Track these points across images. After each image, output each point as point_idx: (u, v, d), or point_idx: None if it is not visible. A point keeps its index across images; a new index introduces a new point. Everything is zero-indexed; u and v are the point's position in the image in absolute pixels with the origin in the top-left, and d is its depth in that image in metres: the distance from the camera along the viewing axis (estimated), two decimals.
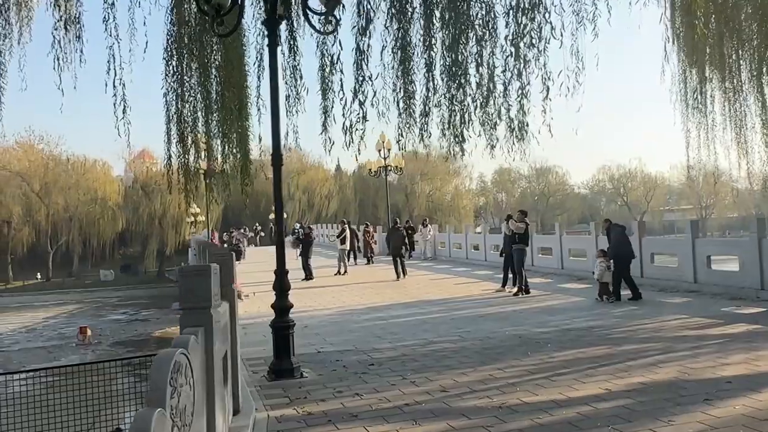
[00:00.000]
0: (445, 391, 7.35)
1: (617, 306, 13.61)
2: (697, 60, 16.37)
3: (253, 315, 14.73)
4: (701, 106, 16.38)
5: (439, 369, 8.52)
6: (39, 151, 72.60)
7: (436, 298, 16.43)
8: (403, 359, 9.30)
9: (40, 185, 70.77)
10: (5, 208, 68.84)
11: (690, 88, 16.48)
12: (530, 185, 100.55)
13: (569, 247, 20.82)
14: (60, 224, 72.42)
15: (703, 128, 16.41)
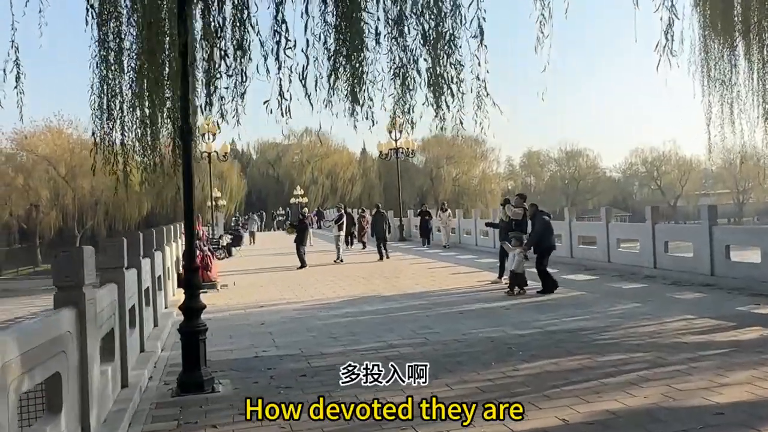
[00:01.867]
0: (361, 418, 5.94)
1: (618, 302, 12.02)
2: (720, 27, 14.64)
3: (220, 308, 13.46)
4: (725, 77, 14.65)
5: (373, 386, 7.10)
6: (66, 136, 72.64)
7: (423, 290, 15.00)
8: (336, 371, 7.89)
9: (66, 169, 70.97)
10: (33, 192, 69.32)
11: (712, 58, 14.74)
12: (560, 168, 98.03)
13: (579, 234, 19.13)
14: (86, 208, 72.61)
15: (727, 102, 14.73)
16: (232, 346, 9.72)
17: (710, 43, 14.71)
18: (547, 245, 13.80)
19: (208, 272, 16.17)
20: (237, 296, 15.22)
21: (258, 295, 15.23)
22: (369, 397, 6.58)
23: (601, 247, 17.73)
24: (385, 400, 6.01)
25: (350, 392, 6.79)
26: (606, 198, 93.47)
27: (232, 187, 79.61)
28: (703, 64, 14.67)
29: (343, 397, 6.64)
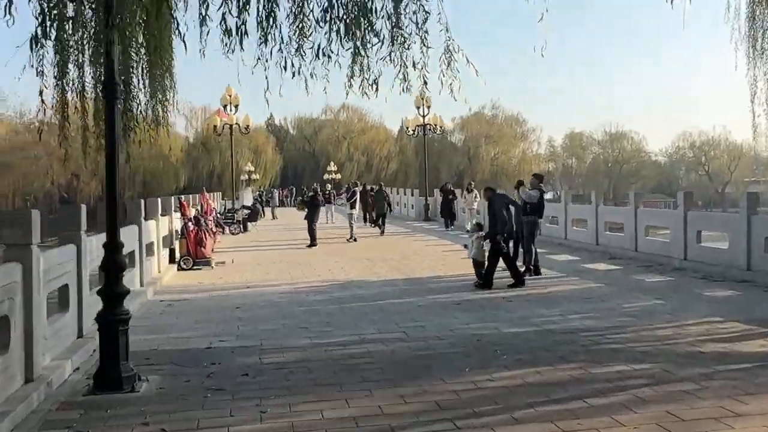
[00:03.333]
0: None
1: (636, 297, 10.67)
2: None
3: (204, 287, 12.56)
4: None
5: (317, 393, 6.01)
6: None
7: (428, 275, 13.85)
8: (294, 369, 6.84)
9: None
10: (74, 162, 69.87)
11: (759, 26, 13.07)
12: (603, 151, 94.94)
13: (606, 220, 17.66)
14: (125, 178, 73.06)
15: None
16: (191, 333, 8.74)
17: (757, 8, 13.06)
18: (507, 230, 12.31)
19: (202, 248, 15.28)
20: (228, 275, 14.29)
21: (251, 275, 14.28)
22: (301, 408, 5.53)
23: (628, 234, 16.26)
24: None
25: (281, 403, 5.73)
26: (650, 183, 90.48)
27: (266, 161, 79.30)
28: (748, 32, 13.03)
29: (273, 407, 5.59)
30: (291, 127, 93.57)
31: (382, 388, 6.06)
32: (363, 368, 6.77)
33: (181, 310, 10.49)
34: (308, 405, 5.64)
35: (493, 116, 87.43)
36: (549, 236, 20.07)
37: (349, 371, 6.68)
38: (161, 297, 11.61)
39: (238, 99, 31.67)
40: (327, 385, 6.23)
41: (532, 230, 13.43)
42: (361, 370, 6.68)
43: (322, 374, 6.60)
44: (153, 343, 8.16)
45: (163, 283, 13.00)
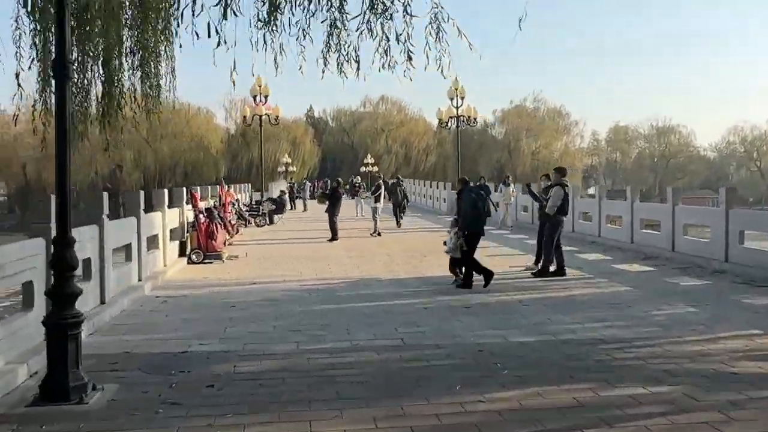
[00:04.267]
0: None
1: (667, 303, 9.68)
2: None
3: (207, 283, 11.99)
4: None
5: (280, 411, 5.29)
6: None
7: (442, 274, 12.90)
8: (266, 380, 6.15)
9: (147, 132, 72.10)
10: (117, 153, 70.90)
11: None
12: (649, 145, 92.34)
13: (641, 217, 16.53)
14: (166, 169, 73.90)
15: None
16: (174, 334, 8.13)
17: None
18: (473, 229, 11.37)
19: (213, 242, 14.72)
20: (237, 270, 13.69)
21: (261, 270, 13.67)
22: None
23: (664, 233, 15.15)
24: None
25: (238, 422, 5.03)
26: (698, 178, 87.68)
27: (304, 153, 79.09)
28: None
29: (224, 428, 4.90)
30: (330, 119, 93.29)
31: (355, 408, 5.31)
32: (342, 382, 6.03)
33: (174, 307, 9.90)
34: (264, 427, 4.93)
35: (534, 109, 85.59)
36: (582, 233, 19.07)
37: (326, 385, 5.95)
38: (159, 292, 11.05)
39: (267, 90, 31.20)
40: (296, 401, 5.51)
41: (552, 231, 12.48)
42: (339, 385, 5.94)
43: (295, 388, 5.89)
44: (129, 345, 7.59)
45: (166, 278, 12.48)
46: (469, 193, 11.48)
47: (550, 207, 12.47)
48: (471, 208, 11.25)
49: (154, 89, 9.83)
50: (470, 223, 11.23)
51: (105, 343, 7.72)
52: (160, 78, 9.77)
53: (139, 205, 11.20)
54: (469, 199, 11.33)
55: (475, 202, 11.30)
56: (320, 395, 5.68)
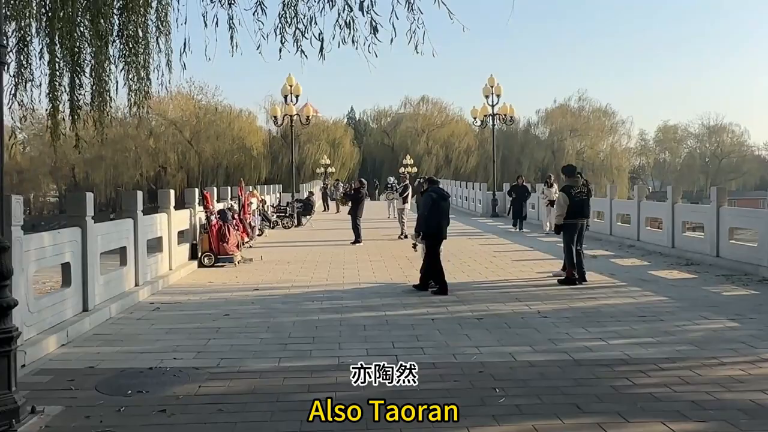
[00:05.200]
0: None
1: (705, 316, 8.62)
2: None
3: (211, 288, 11.39)
4: None
5: None
6: (195, 101, 74.58)
7: (465, 280, 12.16)
8: (225, 405, 5.41)
9: (191, 133, 73.03)
10: (162, 155, 71.95)
11: None
12: (700, 145, 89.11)
13: (683, 220, 15.33)
14: (208, 170, 74.57)
15: None
16: (150, 346, 7.46)
17: None
18: (432, 231, 10.76)
19: (225, 245, 14.11)
20: (246, 274, 13.04)
21: (271, 275, 12.98)
22: None
23: (708, 236, 13.96)
24: None
25: None
26: (752, 179, 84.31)
27: (344, 155, 78.75)
28: None
29: None
30: (370, 121, 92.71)
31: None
32: (307, 411, 5.23)
33: (165, 315, 9.27)
34: None
35: (579, 108, 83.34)
36: (619, 237, 17.93)
37: (292, 413, 5.18)
38: (156, 298, 10.47)
39: (299, 89, 30.58)
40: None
41: (566, 237, 11.48)
42: (302, 413, 5.14)
43: (251, 417, 5.14)
44: (97, 358, 6.96)
45: (170, 282, 11.89)
46: (430, 195, 10.80)
47: (557, 217, 11.56)
48: (428, 210, 10.68)
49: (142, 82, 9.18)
50: (427, 225, 10.69)
51: (73, 355, 7.10)
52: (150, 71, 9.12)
53: (136, 206, 10.60)
54: (428, 201, 10.72)
55: (434, 204, 10.67)
56: (282, 426, 4.92)
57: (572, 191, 11.35)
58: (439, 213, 10.74)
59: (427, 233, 10.74)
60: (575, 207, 11.29)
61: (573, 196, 11.30)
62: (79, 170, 71.96)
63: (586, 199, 11.51)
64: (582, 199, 11.38)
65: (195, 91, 74.14)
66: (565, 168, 12.13)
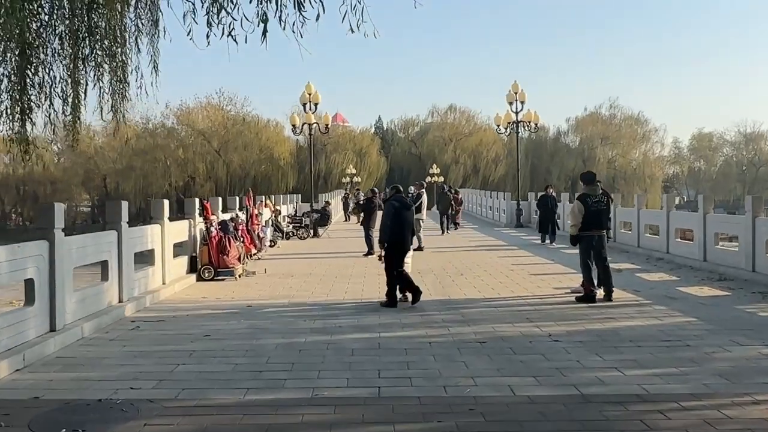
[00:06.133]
0: None
1: (738, 341, 7.63)
2: None
3: (201, 305, 10.72)
4: None
5: None
6: (223, 112, 74.88)
7: (475, 297, 11.27)
8: None
9: (219, 143, 73.27)
10: (191, 165, 72.34)
11: None
12: (736, 152, 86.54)
13: (716, 231, 14.24)
14: (236, 180, 74.72)
15: None
16: (111, 373, 6.75)
17: None
18: (395, 240, 10.33)
19: (225, 257, 13.43)
20: (244, 289, 12.33)
21: (269, 290, 12.26)
22: None
23: (743, 249, 12.88)
24: None
25: None
26: None
27: (370, 164, 78.24)
28: None
29: None
30: (398, 130, 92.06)
31: None
32: None
33: (142, 335, 8.57)
34: None
35: (610, 116, 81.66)
36: (648, 249, 16.89)
37: None
38: (140, 315, 9.79)
39: (318, 97, 29.97)
40: None
41: (582, 252, 10.58)
42: None
43: None
44: (48, 386, 6.29)
45: (161, 298, 11.22)
46: (392, 203, 10.50)
47: (571, 228, 10.65)
48: (389, 219, 10.35)
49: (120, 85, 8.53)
50: (389, 235, 10.30)
51: (23, 383, 6.41)
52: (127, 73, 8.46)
53: (120, 218, 9.95)
54: (390, 210, 10.41)
55: (396, 213, 10.34)
56: None
57: (589, 200, 10.42)
58: (402, 222, 10.39)
59: (390, 243, 10.34)
60: (591, 217, 10.37)
61: (589, 205, 10.38)
62: (110, 180, 72.66)
63: (605, 209, 10.56)
64: (599, 210, 10.44)
65: (224, 101, 74.55)
66: (584, 175, 11.19)
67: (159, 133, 73.13)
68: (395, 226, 10.32)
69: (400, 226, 10.36)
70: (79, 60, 8.28)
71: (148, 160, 70.55)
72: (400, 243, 10.41)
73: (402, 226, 10.39)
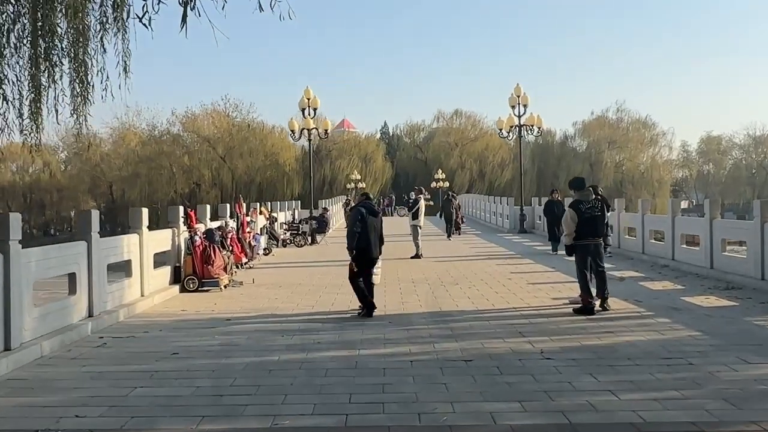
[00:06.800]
0: None
1: (747, 357, 7.01)
2: None
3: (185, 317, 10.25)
4: None
5: None
6: (229, 119, 74.65)
7: (468, 308, 10.69)
8: None
9: (224, 150, 73.00)
10: (197, 171, 72.09)
11: None
12: (745, 155, 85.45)
13: (723, 237, 13.60)
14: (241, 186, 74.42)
15: None
16: (60, 397, 6.24)
17: None
18: (360, 246, 10.09)
19: (210, 267, 12.90)
20: (227, 301, 11.80)
21: (253, 302, 11.73)
22: None
23: (751, 256, 12.24)
24: None
25: None
26: None
27: (376, 170, 77.75)
28: None
29: None
30: (404, 135, 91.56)
31: None
32: None
33: (106, 353, 8.05)
34: None
35: (617, 120, 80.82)
36: (653, 255, 16.25)
37: None
38: (110, 332, 9.25)
39: (317, 102, 29.47)
40: None
41: (579, 260, 9.97)
42: None
43: None
44: None
45: (137, 311, 10.69)
46: (359, 210, 10.28)
47: (565, 237, 10.05)
48: (355, 226, 10.14)
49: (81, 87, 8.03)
50: (355, 243, 10.06)
51: None
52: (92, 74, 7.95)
53: (90, 228, 9.42)
54: (356, 216, 10.21)
55: (362, 219, 10.08)
56: None
57: (581, 207, 9.83)
58: (368, 229, 10.10)
59: (355, 250, 10.10)
60: (585, 225, 9.77)
61: (583, 212, 9.78)
62: (116, 188, 72.52)
63: (600, 215, 9.95)
64: (594, 216, 9.84)
65: (230, 108, 74.33)
66: (573, 182, 10.59)
67: (165, 140, 72.97)
68: (361, 233, 10.05)
69: (366, 234, 10.06)
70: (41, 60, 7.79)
71: (153, 167, 70.39)
72: (365, 251, 10.13)
73: (368, 234, 10.09)
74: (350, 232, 10.27)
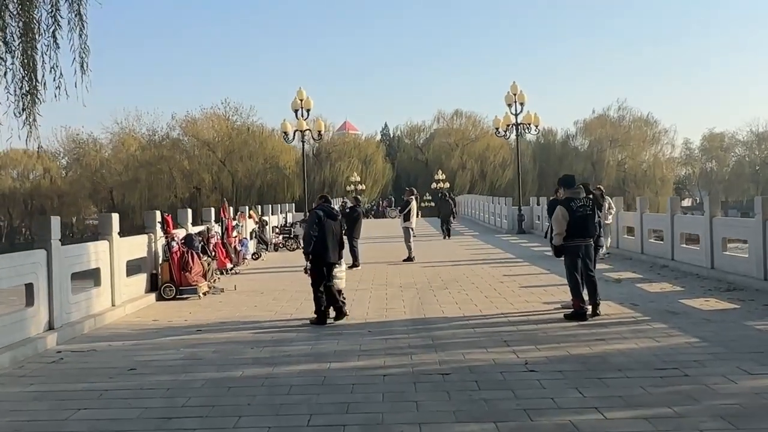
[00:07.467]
0: None
1: (749, 367, 6.43)
2: None
3: (156, 327, 9.71)
4: None
5: None
6: (229, 122, 74.26)
7: (454, 315, 10.11)
8: None
9: (223, 153, 72.58)
10: (196, 175, 71.63)
11: None
12: (748, 152, 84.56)
13: (724, 236, 13.01)
14: (241, 190, 73.99)
15: None
16: None
17: None
18: (317, 251, 9.69)
19: (187, 274, 12.37)
20: (203, 310, 11.27)
21: (231, 309, 11.22)
22: None
23: (753, 255, 11.65)
24: None
25: None
26: None
27: (376, 171, 77.21)
28: None
29: None
30: (404, 136, 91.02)
31: None
32: None
33: (60, 369, 7.51)
34: None
35: (619, 118, 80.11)
36: (652, 255, 15.67)
37: None
38: (71, 345, 8.70)
39: (309, 103, 28.98)
40: None
41: (568, 262, 9.40)
42: None
43: None
44: None
45: (106, 322, 10.16)
46: (316, 213, 9.91)
47: (555, 237, 9.42)
48: (312, 229, 9.73)
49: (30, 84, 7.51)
50: (311, 246, 9.67)
51: None
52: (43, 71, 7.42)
53: (49, 235, 8.89)
54: (314, 219, 9.85)
55: (320, 222, 9.72)
56: None
57: (573, 205, 9.25)
58: (325, 232, 9.71)
59: (313, 254, 9.68)
60: (577, 224, 9.19)
61: (574, 210, 9.20)
62: (117, 193, 72.08)
63: (591, 214, 9.37)
64: (585, 215, 9.26)
65: (230, 111, 73.91)
66: (563, 179, 10.02)
67: (164, 145, 72.60)
68: (318, 237, 9.65)
69: (323, 238, 9.66)
70: None
71: (153, 172, 69.99)
72: (322, 255, 9.70)
73: (325, 237, 9.69)
74: (307, 235, 9.85)
